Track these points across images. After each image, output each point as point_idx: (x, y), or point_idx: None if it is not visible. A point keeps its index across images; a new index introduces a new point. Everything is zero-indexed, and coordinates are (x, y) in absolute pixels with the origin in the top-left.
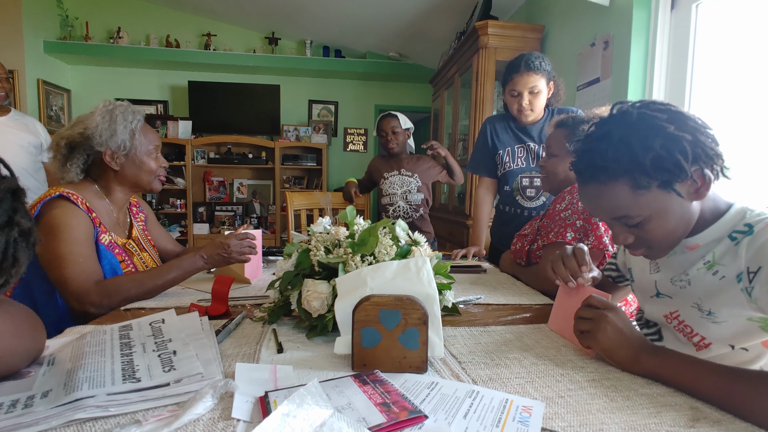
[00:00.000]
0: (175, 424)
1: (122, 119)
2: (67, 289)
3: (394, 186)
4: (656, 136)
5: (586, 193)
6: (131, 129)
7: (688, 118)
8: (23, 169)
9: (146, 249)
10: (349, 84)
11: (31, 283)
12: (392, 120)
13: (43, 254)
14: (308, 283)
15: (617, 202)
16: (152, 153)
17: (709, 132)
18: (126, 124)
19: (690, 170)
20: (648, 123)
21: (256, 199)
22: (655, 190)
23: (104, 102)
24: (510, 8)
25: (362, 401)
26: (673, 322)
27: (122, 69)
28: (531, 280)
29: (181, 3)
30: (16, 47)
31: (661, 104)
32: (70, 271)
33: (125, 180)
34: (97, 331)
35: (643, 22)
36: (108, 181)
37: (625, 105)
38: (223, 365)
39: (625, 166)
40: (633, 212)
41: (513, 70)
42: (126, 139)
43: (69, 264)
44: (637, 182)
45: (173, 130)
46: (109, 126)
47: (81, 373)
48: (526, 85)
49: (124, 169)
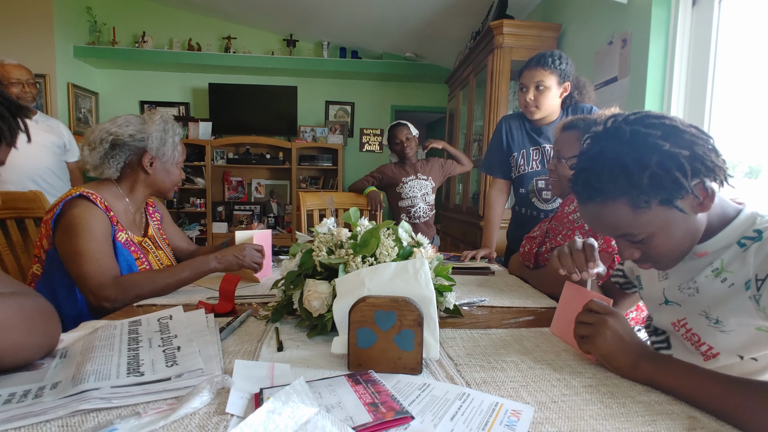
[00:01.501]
0: (171, 417)
1: (172, 132)
2: (86, 284)
3: (414, 189)
4: (651, 155)
5: (585, 211)
6: (174, 141)
7: (684, 131)
8: (47, 168)
9: (161, 247)
10: (366, 85)
11: (53, 277)
12: (404, 128)
13: (63, 250)
14: (309, 283)
15: (618, 221)
16: (180, 165)
17: (709, 142)
18: (174, 136)
19: (690, 186)
20: (642, 141)
21: (273, 199)
22: (656, 207)
23: (161, 114)
24: (526, 7)
25: (352, 400)
26: (680, 330)
27: (146, 72)
28: (539, 282)
29: (203, 7)
30: (48, 52)
31: (656, 118)
32: (88, 267)
33: (152, 183)
34: (108, 326)
35: (663, 19)
36: (134, 182)
37: (618, 121)
38: (224, 362)
39: (621, 186)
40: (635, 230)
41: (525, 65)
42: (170, 148)
43: (87, 260)
44: (636, 201)
45: (194, 131)
46: (162, 135)
47: (89, 366)
48: (532, 80)
49: (156, 174)
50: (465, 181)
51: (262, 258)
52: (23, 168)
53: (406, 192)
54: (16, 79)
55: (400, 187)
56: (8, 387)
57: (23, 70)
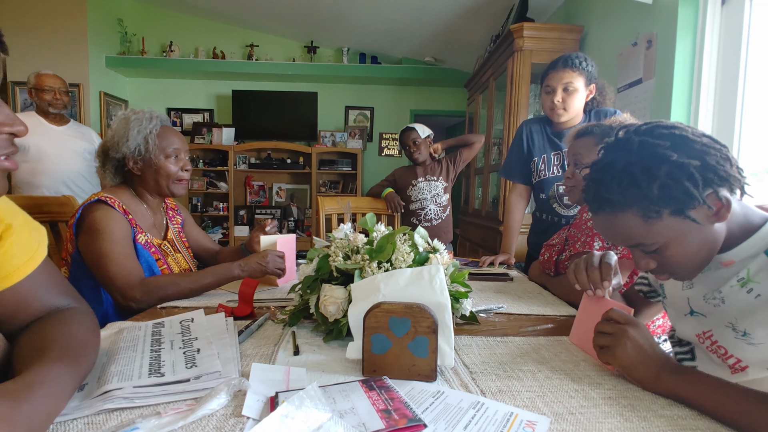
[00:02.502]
0: (190, 417)
1: (136, 125)
2: (114, 285)
3: (423, 191)
4: (660, 165)
5: (598, 222)
6: (145, 134)
7: (694, 141)
8: (79, 173)
9: (180, 250)
10: (385, 90)
11: (79, 279)
12: (412, 133)
13: (87, 253)
14: (326, 288)
15: (630, 231)
16: (170, 156)
17: (721, 152)
18: (140, 129)
19: (702, 196)
20: (650, 151)
21: (294, 203)
22: (667, 217)
23: (125, 111)
24: (548, 9)
25: (365, 406)
26: (705, 342)
27: (173, 80)
28: (559, 290)
29: (227, 16)
30: (81, 63)
31: (665, 128)
32: (113, 269)
33: (148, 184)
34: (133, 327)
35: (690, 19)
36: (137, 186)
37: (629, 131)
38: (242, 364)
39: (631, 197)
40: (647, 240)
41: (550, 67)
42: (140, 143)
43: (112, 262)
44: (647, 212)
45: (217, 137)
46: (124, 132)
47: (113, 367)
48: (560, 81)
49: (145, 174)
50: (484, 185)
51: (284, 263)
52: (57, 173)
53: (415, 194)
54: (49, 87)
55: (410, 190)
56: None
57: (57, 79)
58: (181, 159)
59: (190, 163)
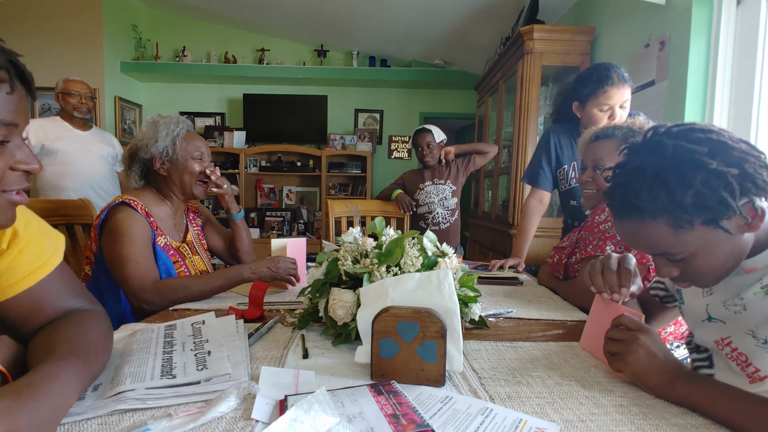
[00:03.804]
0: (200, 420)
1: (164, 128)
2: (128, 285)
3: (430, 195)
4: (697, 172)
5: (622, 228)
6: (173, 137)
7: (733, 147)
8: (103, 176)
9: (198, 252)
10: (395, 92)
11: (100, 278)
12: (427, 135)
13: (107, 253)
14: (335, 292)
15: (656, 240)
16: (195, 158)
17: (760, 159)
18: (168, 132)
19: (737, 206)
20: (686, 158)
21: (304, 206)
22: (698, 227)
23: (153, 116)
24: (558, 11)
25: (374, 411)
26: (725, 350)
27: (186, 84)
28: (568, 294)
29: (239, 21)
30: (97, 69)
31: (702, 132)
32: (130, 270)
33: (173, 184)
34: (146, 329)
35: (704, 20)
36: (162, 187)
37: (659, 133)
38: (251, 367)
39: (662, 205)
40: (675, 249)
41: (605, 81)
42: (168, 145)
43: (129, 263)
44: (678, 221)
45: (229, 140)
46: (153, 135)
47: (126, 368)
48: (621, 99)
49: (171, 174)
50: (494, 188)
51: (296, 269)
52: (83, 176)
53: (423, 198)
54: (76, 92)
55: (418, 194)
56: None
57: (83, 85)
58: (204, 161)
59: (213, 165)
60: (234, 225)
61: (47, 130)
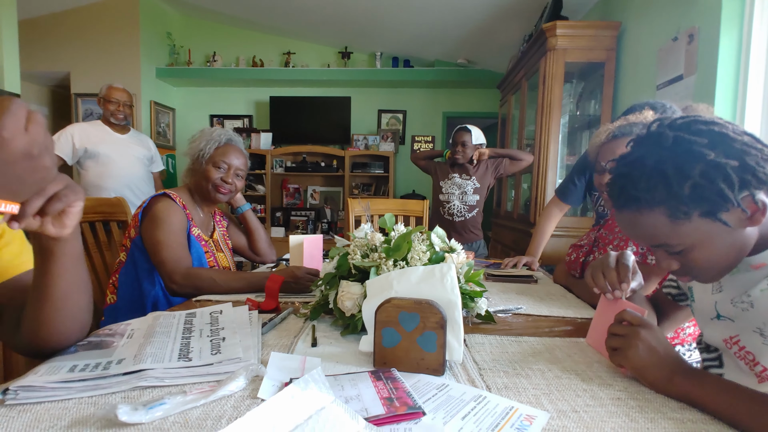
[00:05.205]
0: (211, 396)
1: (206, 136)
2: (163, 268)
3: (453, 187)
4: (695, 163)
5: (621, 218)
6: (207, 144)
7: (735, 139)
8: (140, 177)
9: (223, 250)
10: (417, 92)
11: (136, 262)
12: (465, 134)
13: (147, 238)
14: (343, 284)
15: (654, 231)
16: (218, 167)
17: (763, 152)
18: (208, 140)
19: (736, 199)
20: (685, 148)
21: (327, 205)
22: (696, 219)
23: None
24: (583, 7)
25: (370, 394)
26: (733, 348)
27: (216, 88)
28: (583, 293)
29: (266, 26)
30: (134, 75)
31: (704, 124)
32: (166, 254)
33: (198, 187)
34: (169, 315)
35: (735, 11)
36: (193, 189)
37: (662, 124)
38: (262, 353)
39: (660, 195)
40: (672, 241)
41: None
42: (201, 150)
43: (165, 248)
44: (675, 212)
45: (256, 142)
46: (197, 139)
47: (148, 348)
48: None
49: (196, 177)
50: (516, 188)
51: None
52: (122, 177)
53: (446, 188)
54: (115, 99)
55: (444, 182)
56: (84, 359)
57: (124, 92)
58: (226, 171)
59: (233, 177)
60: (242, 219)
61: (90, 134)
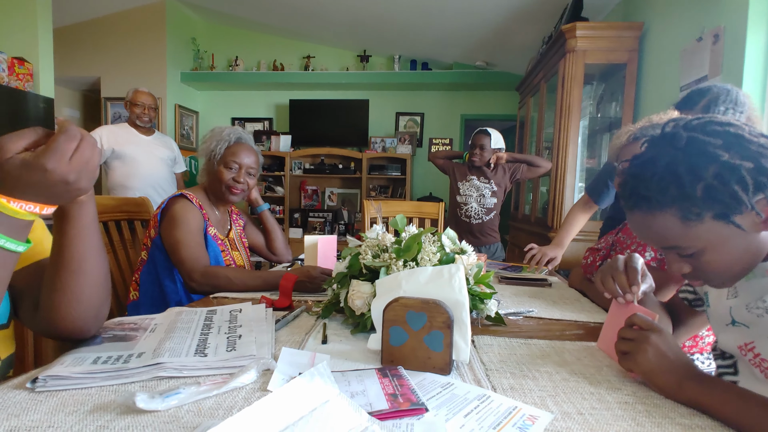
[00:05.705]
0: (223, 388)
1: (217, 136)
2: (183, 267)
3: (471, 189)
4: (708, 165)
5: (632, 219)
6: (218, 144)
7: (750, 141)
8: (163, 178)
9: (238, 249)
10: (435, 95)
11: (156, 260)
12: (484, 137)
13: (165, 238)
14: (354, 284)
15: (665, 233)
16: (229, 167)
17: None
18: (218, 140)
19: (751, 201)
20: (698, 149)
21: (345, 207)
22: (709, 221)
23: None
24: (604, 8)
25: (376, 390)
26: (748, 355)
27: (238, 92)
28: (597, 297)
29: (286, 30)
30: (160, 79)
31: (719, 125)
32: (184, 253)
33: (212, 186)
34: (190, 311)
35: (763, 10)
36: (209, 189)
37: (677, 125)
38: (274, 348)
39: (671, 196)
40: (684, 243)
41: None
42: (212, 150)
43: (184, 247)
44: (686, 213)
45: (275, 144)
46: (208, 140)
47: (168, 343)
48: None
49: (210, 178)
50: (534, 191)
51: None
52: (147, 177)
53: (463, 190)
54: (141, 103)
55: (461, 184)
56: (108, 351)
57: (149, 96)
58: (237, 171)
59: (245, 177)
60: (261, 218)
61: (117, 136)
